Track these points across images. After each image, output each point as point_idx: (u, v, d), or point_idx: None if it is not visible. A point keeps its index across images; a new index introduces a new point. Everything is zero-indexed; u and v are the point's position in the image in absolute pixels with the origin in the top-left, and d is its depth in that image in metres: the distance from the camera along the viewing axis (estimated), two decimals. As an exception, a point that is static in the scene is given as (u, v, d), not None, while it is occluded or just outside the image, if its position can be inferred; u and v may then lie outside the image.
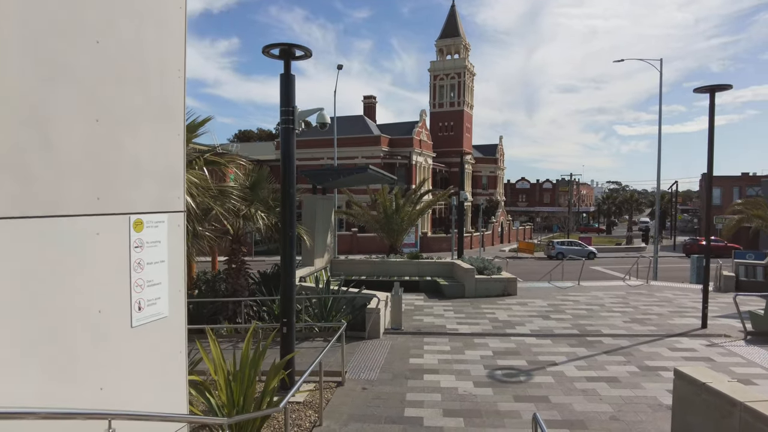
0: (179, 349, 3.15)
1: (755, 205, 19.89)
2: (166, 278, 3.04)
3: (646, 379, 7.78)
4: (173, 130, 3.11)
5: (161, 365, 2.98)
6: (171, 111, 3.08)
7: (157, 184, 2.98)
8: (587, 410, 6.61)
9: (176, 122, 3.12)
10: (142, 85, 2.80)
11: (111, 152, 2.63)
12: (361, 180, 18.39)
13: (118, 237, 2.69)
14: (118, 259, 2.69)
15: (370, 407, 6.73)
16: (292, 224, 7.24)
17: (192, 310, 11.98)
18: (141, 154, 2.84)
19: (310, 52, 7.15)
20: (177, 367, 3.13)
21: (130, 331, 2.74)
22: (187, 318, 3.23)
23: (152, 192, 2.93)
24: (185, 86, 3.15)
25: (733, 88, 10.64)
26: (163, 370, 3.01)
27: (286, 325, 7.27)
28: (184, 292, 3.21)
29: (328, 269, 16.45)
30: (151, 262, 2.91)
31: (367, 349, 9.45)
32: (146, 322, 2.85)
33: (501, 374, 8.05)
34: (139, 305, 2.81)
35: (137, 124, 2.79)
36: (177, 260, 3.14)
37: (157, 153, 2.97)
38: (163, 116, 3.02)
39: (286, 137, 7.15)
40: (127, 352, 2.71)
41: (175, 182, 3.14)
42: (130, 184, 2.75)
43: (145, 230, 2.87)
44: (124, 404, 2.63)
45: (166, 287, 3.04)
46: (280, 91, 7.21)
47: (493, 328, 11.15)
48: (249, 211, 10.79)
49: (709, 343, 9.82)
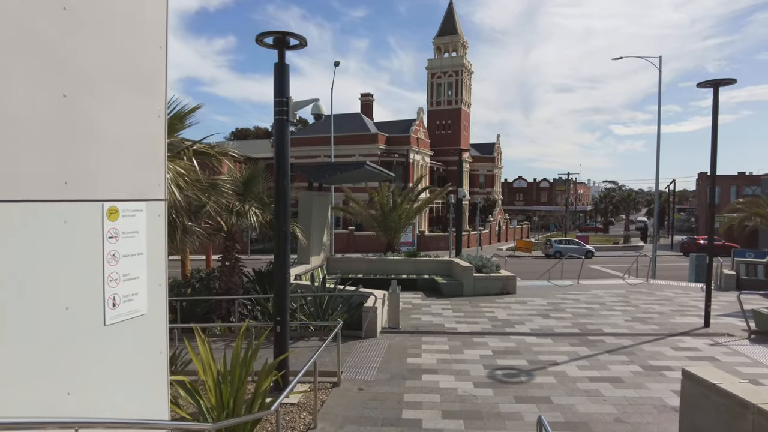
0: (159, 349, 2.89)
1: (755, 204, 19.75)
2: (145, 272, 2.79)
3: (651, 379, 7.57)
4: (154, 110, 2.85)
5: (139, 367, 2.73)
6: (151, 89, 2.83)
7: (134, 170, 2.73)
8: (591, 411, 6.39)
9: (157, 101, 2.87)
10: (118, 58, 2.55)
11: (81, 132, 2.38)
12: (358, 176, 18.13)
13: (89, 226, 2.44)
14: (89, 250, 2.44)
15: (367, 409, 6.50)
16: (285, 219, 6.99)
17: (185, 309, 11.72)
18: (117, 136, 2.58)
19: (304, 40, 6.89)
20: (157, 369, 2.88)
21: (103, 330, 2.49)
22: (168, 315, 2.97)
23: (129, 178, 2.68)
24: (167, 63, 2.91)
25: (737, 83, 10.42)
26: (141, 372, 2.76)
27: (279, 324, 7.02)
28: (165, 288, 2.96)
29: (324, 267, 16.19)
30: (128, 254, 2.66)
31: (363, 349, 9.22)
32: (122, 320, 2.60)
33: (501, 374, 7.83)
34: (114, 301, 2.56)
35: (112, 101, 2.54)
36: (157, 253, 2.89)
37: (135, 135, 2.72)
38: (143, 94, 2.77)
39: (279, 128, 6.90)
40: (100, 353, 2.46)
41: (156, 168, 2.89)
42: (104, 168, 2.50)
43: (120, 219, 2.62)
44: (96, 410, 2.39)
45: (145, 282, 2.79)
46: (274, 81, 6.95)
47: (492, 327, 10.93)
48: (243, 207, 10.53)
49: (712, 343, 9.63)
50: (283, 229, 7.02)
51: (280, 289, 7.06)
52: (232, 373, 5.17)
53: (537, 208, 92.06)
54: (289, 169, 7.07)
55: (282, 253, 7.04)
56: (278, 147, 7.01)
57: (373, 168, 14.18)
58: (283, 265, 7.05)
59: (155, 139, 2.88)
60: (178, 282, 13.95)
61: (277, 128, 6.98)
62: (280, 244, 7.04)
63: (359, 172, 14.82)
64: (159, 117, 2.89)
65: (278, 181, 7.01)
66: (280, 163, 6.98)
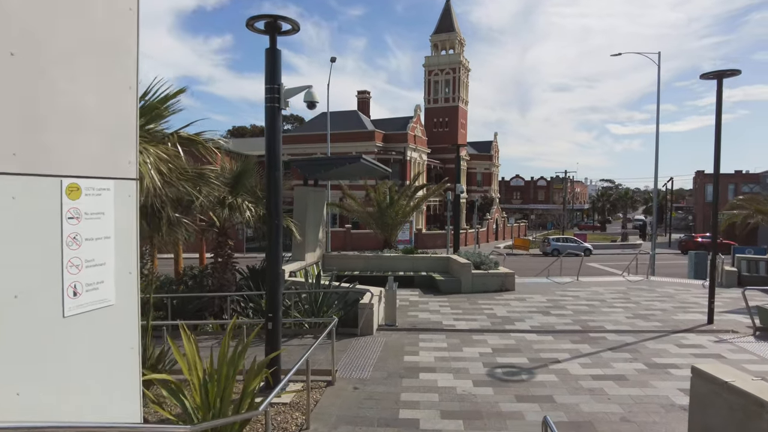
0: (130, 344, 2.61)
1: (755, 201, 19.61)
2: (113, 258, 2.51)
3: (656, 377, 7.33)
4: (123, 80, 2.57)
5: (105, 364, 2.45)
6: (120, 56, 2.55)
7: (101, 144, 2.44)
8: (595, 411, 6.14)
9: (127, 71, 2.59)
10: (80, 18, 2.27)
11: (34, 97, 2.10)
12: (354, 172, 17.85)
13: (44, 204, 2.16)
14: (44, 231, 2.16)
15: (362, 408, 6.23)
16: (278, 212, 6.71)
17: (176, 306, 11.43)
18: (79, 106, 2.30)
19: (297, 25, 6.61)
20: (127, 367, 2.60)
21: (62, 322, 2.21)
22: (140, 306, 2.69)
23: (94, 152, 2.40)
24: (138, 29, 2.63)
25: (741, 74, 10.18)
26: (109, 370, 2.48)
27: (271, 321, 6.74)
28: (137, 276, 2.67)
29: (320, 264, 15.91)
30: (92, 237, 2.38)
31: (359, 346, 8.94)
32: (84, 311, 2.33)
33: (501, 372, 7.57)
34: (75, 290, 2.28)
35: (73, 66, 2.25)
36: (127, 237, 2.61)
37: (102, 105, 2.44)
38: (111, 61, 2.48)
39: (271, 117, 6.61)
40: (57, 348, 2.18)
41: (126, 144, 2.61)
42: (64, 140, 2.22)
43: (83, 198, 2.34)
44: (52, 413, 2.11)
45: (112, 269, 2.50)
46: (265, 68, 6.66)
47: (491, 325, 10.67)
48: (235, 201, 10.24)
49: (717, 339, 9.40)
50: (275, 223, 6.74)
51: (272, 285, 6.78)
52: (219, 371, 4.89)
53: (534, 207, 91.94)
54: (281, 160, 6.79)
55: (274, 247, 6.76)
56: (269, 136, 6.73)
57: (369, 163, 13.90)
58: (275, 260, 6.77)
59: (125, 113, 2.60)
60: (170, 279, 13.66)
61: (268, 117, 6.69)
62: (273, 238, 6.76)
63: (355, 167, 14.54)
64: (130, 89, 2.61)
65: (270, 172, 6.72)
66: (271, 154, 6.69)
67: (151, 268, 14.92)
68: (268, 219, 6.75)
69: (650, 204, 79.14)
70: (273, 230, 6.73)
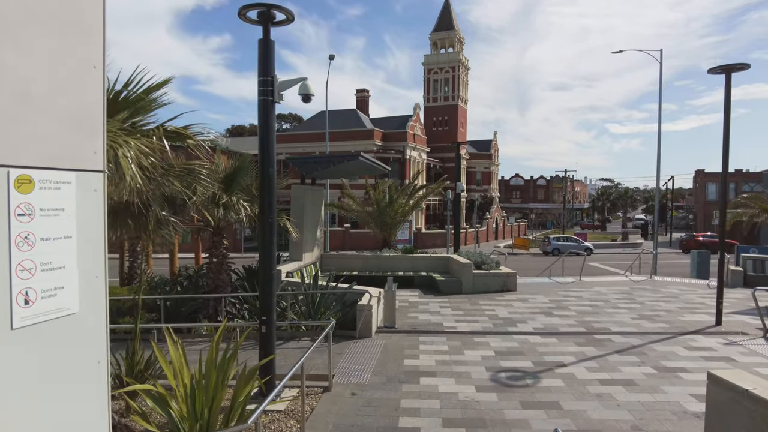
0: (96, 358, 2.31)
1: (760, 200, 19.34)
2: (75, 260, 2.21)
3: (665, 381, 7.04)
4: (87, 59, 2.27)
5: (67, 381, 2.16)
6: (83, 30, 2.24)
7: (59, 131, 2.14)
8: (605, 418, 5.86)
9: (92, 48, 2.29)
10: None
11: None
12: (353, 170, 17.54)
13: (-14, 198, 1.87)
14: (-14, 230, 1.87)
15: (360, 416, 5.94)
16: (271, 209, 6.41)
17: (169, 308, 11.13)
18: (31, 82, 2.00)
19: (291, 15, 6.32)
20: (93, 384, 2.30)
21: (10, 335, 1.91)
22: (108, 315, 2.40)
23: (51, 140, 2.11)
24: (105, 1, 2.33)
25: (750, 68, 9.89)
26: (71, 387, 2.18)
27: (265, 324, 6.44)
28: (105, 281, 2.37)
29: (318, 264, 15.61)
30: (49, 237, 2.09)
31: (357, 350, 8.65)
32: (39, 321, 2.03)
33: (505, 377, 7.28)
34: (26, 297, 1.98)
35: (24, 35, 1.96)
36: (93, 236, 2.31)
37: (61, 86, 2.14)
38: (72, 34, 2.18)
39: (264, 110, 6.31)
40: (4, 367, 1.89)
41: (90, 132, 2.31)
42: (10, 123, 1.92)
43: (36, 192, 2.04)
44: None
45: (75, 273, 2.21)
46: (258, 59, 6.36)
47: (493, 326, 10.39)
48: (230, 200, 9.93)
49: (726, 342, 9.11)
50: (268, 221, 6.44)
51: (265, 286, 6.48)
52: (207, 378, 4.59)
53: (534, 206, 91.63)
54: (274, 155, 6.49)
55: (267, 246, 6.46)
56: (262, 131, 6.43)
57: (367, 160, 13.60)
58: (269, 260, 6.47)
59: (90, 96, 2.30)
60: (164, 279, 13.36)
61: (261, 111, 6.39)
62: (266, 238, 6.46)
63: (354, 164, 14.23)
64: (95, 68, 2.31)
65: (263, 168, 6.42)
66: (264, 149, 6.39)
67: (145, 268, 14.66)
68: (261, 217, 6.45)
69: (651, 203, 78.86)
70: (266, 229, 6.43)
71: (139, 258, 14.32)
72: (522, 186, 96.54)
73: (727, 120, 10.07)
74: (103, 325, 2.39)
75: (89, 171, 2.31)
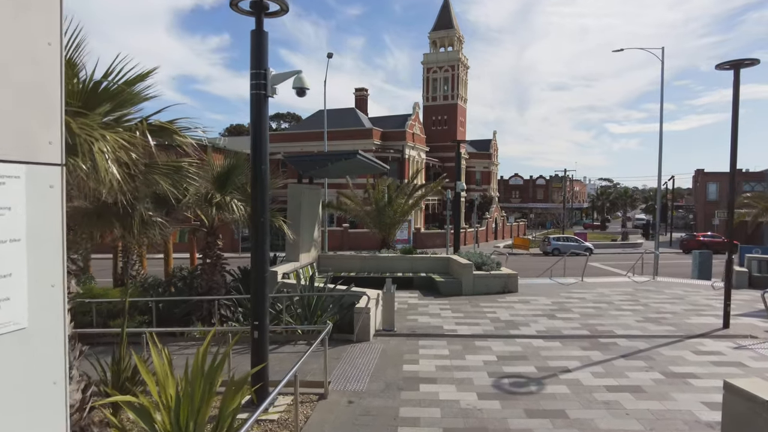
0: (52, 378, 2.03)
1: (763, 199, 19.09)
2: (24, 267, 1.92)
3: (675, 388, 6.76)
4: (40, 33, 1.98)
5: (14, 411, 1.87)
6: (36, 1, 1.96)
7: (4, 117, 1.86)
8: (613, 428, 5.58)
9: (47, 20, 2.00)
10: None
11: None
12: (351, 168, 17.26)
13: None
14: None
15: (357, 425, 5.66)
16: (264, 208, 6.12)
17: (161, 311, 10.84)
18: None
19: (285, 5, 6.01)
20: (47, 410, 2.01)
21: (-59, 355, 1.63)
22: (67, 329, 2.11)
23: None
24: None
25: (759, 63, 9.63)
26: (18, 419, 1.89)
27: (257, 329, 6.15)
28: (62, 290, 2.08)
29: (315, 265, 15.32)
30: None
31: (355, 354, 8.36)
32: (-21, 338, 1.75)
33: (508, 383, 6.99)
34: (-38, 311, 1.70)
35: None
36: (48, 240, 2.03)
37: (5, 66, 1.86)
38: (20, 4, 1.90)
39: (257, 104, 6.02)
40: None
41: (45, 119, 2.02)
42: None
43: (-25, 188, 1.76)
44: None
45: (24, 282, 1.92)
46: (251, 52, 6.07)
47: (495, 329, 10.10)
48: (223, 199, 9.64)
49: (736, 346, 8.84)
50: (261, 221, 6.15)
51: (258, 289, 6.19)
52: (192, 387, 4.30)
53: (533, 206, 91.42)
54: (267, 152, 6.20)
55: (260, 247, 6.17)
56: (255, 127, 6.13)
57: (366, 159, 13.30)
58: (261, 261, 6.18)
59: (44, 77, 2.01)
60: (158, 280, 13.07)
61: (254, 105, 6.09)
62: (258, 237, 6.17)
63: (351, 163, 13.94)
64: (50, 45, 2.02)
65: (255, 165, 6.13)
66: (257, 146, 6.10)
67: (139, 269, 14.34)
68: (254, 216, 6.17)
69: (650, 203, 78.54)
70: (259, 228, 6.14)
71: (133, 259, 14.02)
72: (521, 186, 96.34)
73: (736, 116, 9.80)
74: (61, 340, 2.09)
75: (43, 164, 2.02)
